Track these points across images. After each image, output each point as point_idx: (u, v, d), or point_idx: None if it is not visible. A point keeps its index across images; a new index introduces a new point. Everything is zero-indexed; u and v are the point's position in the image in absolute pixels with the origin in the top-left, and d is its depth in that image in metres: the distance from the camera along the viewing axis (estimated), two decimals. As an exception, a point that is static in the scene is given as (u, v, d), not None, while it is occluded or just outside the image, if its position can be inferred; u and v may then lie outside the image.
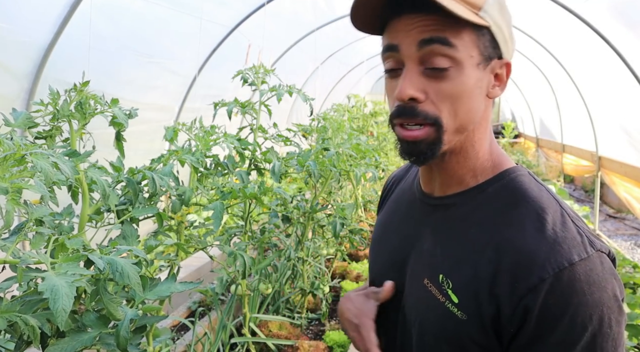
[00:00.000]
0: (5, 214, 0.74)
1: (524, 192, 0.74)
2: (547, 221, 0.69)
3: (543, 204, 0.71)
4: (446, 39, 0.69)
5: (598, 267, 0.66)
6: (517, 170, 0.77)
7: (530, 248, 0.68)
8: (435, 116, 0.71)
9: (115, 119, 1.24)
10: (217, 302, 2.31)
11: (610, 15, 4.22)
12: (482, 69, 0.72)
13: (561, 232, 0.68)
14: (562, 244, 0.67)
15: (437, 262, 0.77)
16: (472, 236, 0.74)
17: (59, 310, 0.70)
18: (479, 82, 0.72)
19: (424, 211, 0.84)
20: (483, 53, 0.71)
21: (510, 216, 0.72)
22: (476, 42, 0.70)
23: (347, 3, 3.18)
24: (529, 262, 0.67)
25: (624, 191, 4.93)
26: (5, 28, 2.69)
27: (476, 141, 0.76)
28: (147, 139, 4.10)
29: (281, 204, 2.31)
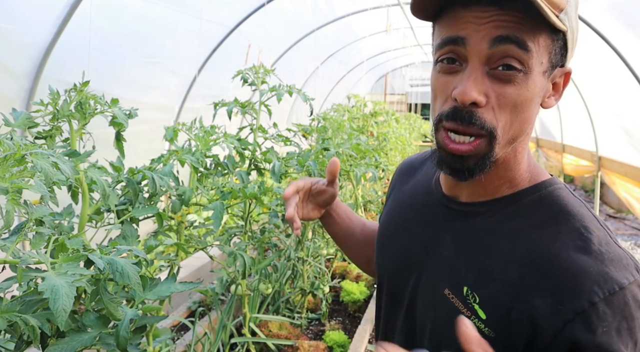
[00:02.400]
0: (5, 214, 0.74)
1: (564, 207, 0.68)
2: (593, 240, 0.64)
3: (585, 221, 0.66)
4: (523, 41, 0.61)
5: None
6: (554, 183, 0.71)
7: (577, 268, 0.62)
8: (492, 126, 0.65)
9: (115, 119, 1.24)
10: (217, 302, 2.31)
11: (610, 15, 4.22)
12: (547, 77, 0.66)
13: (607, 253, 0.63)
14: (609, 265, 0.61)
15: (461, 273, 0.72)
16: (503, 249, 0.68)
17: (59, 310, 0.70)
18: (541, 90, 0.66)
19: (445, 214, 0.78)
20: (552, 60, 0.65)
21: (550, 231, 0.66)
22: (550, 47, 0.63)
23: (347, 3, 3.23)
24: (575, 283, 0.61)
25: (624, 191, 4.93)
26: (6, 28, 2.69)
27: (519, 152, 0.71)
28: (147, 139, 4.10)
29: (281, 204, 2.31)
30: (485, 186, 0.72)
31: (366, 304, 2.96)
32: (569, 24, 0.63)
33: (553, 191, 0.70)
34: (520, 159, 0.71)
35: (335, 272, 3.41)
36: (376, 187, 4.93)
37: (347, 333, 2.63)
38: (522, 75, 0.63)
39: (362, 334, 2.47)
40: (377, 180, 2.60)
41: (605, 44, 4.33)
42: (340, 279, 3.35)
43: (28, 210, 0.90)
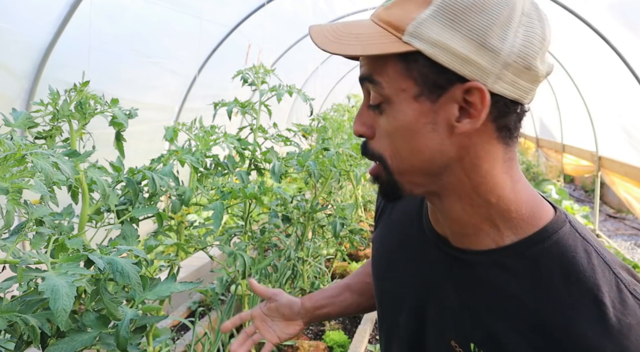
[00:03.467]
0: (5, 214, 0.74)
1: (572, 262, 0.60)
2: (607, 304, 0.57)
3: (597, 279, 0.59)
4: (371, 77, 0.62)
5: None
6: (557, 226, 0.63)
7: (590, 341, 0.56)
8: (379, 154, 0.64)
9: (115, 119, 1.24)
10: (217, 302, 2.31)
11: (610, 15, 4.22)
12: (428, 101, 0.59)
13: (624, 319, 0.56)
14: (628, 335, 0.56)
15: (466, 328, 0.67)
16: (510, 310, 0.63)
17: (59, 310, 0.70)
18: (423, 118, 0.60)
19: (442, 258, 0.72)
20: (423, 83, 0.58)
21: (561, 294, 0.60)
22: (405, 72, 0.59)
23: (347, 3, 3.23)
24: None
25: (624, 191, 4.93)
26: (5, 28, 2.69)
27: (479, 187, 0.63)
28: (147, 139, 4.10)
29: (281, 204, 2.31)
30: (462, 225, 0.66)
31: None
32: (422, 41, 0.57)
33: (559, 241, 0.62)
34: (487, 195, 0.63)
35: (335, 272, 3.41)
36: (376, 187, 4.93)
37: (347, 333, 2.63)
38: (387, 106, 0.62)
39: (362, 334, 2.47)
40: (377, 180, 2.60)
41: (605, 44, 4.33)
42: (340, 279, 3.35)
43: (28, 210, 0.90)
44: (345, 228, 2.46)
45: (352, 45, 0.60)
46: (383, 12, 0.61)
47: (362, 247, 3.72)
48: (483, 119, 0.58)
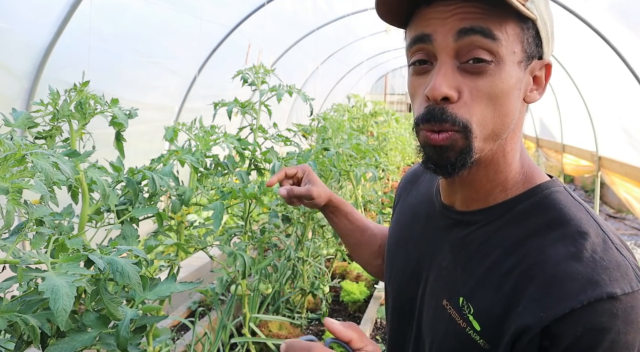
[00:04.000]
0: (5, 214, 0.74)
1: (560, 211, 0.64)
2: (586, 247, 0.60)
3: (582, 226, 0.62)
4: (489, 30, 0.60)
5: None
6: (551, 185, 0.68)
7: (564, 275, 0.59)
8: (465, 121, 0.63)
9: (115, 119, 1.24)
10: (217, 302, 2.31)
11: (610, 15, 4.22)
12: (523, 68, 0.64)
13: (601, 261, 0.59)
14: (602, 273, 0.57)
15: (458, 283, 0.70)
16: (497, 259, 0.66)
17: (59, 310, 0.70)
18: (519, 82, 0.63)
19: (444, 224, 0.76)
20: (526, 50, 0.63)
21: (543, 239, 0.63)
22: (520, 36, 0.62)
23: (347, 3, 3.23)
24: (559, 290, 0.58)
25: (624, 191, 4.93)
26: (5, 28, 2.69)
27: (508, 151, 0.68)
28: (147, 139, 4.10)
29: (281, 204, 2.31)
30: (477, 191, 0.70)
31: (366, 304, 2.96)
32: (537, 12, 0.62)
33: (549, 195, 0.67)
34: (510, 160, 0.68)
35: (335, 272, 3.41)
36: (376, 187, 4.93)
37: (347, 333, 2.63)
38: (494, 66, 0.61)
39: (362, 334, 2.47)
40: (377, 180, 2.60)
41: (605, 44, 4.33)
42: (340, 279, 3.35)
43: (28, 210, 0.90)
44: (345, 228, 2.46)
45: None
46: None
47: (362, 247, 3.72)
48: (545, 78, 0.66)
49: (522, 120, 0.69)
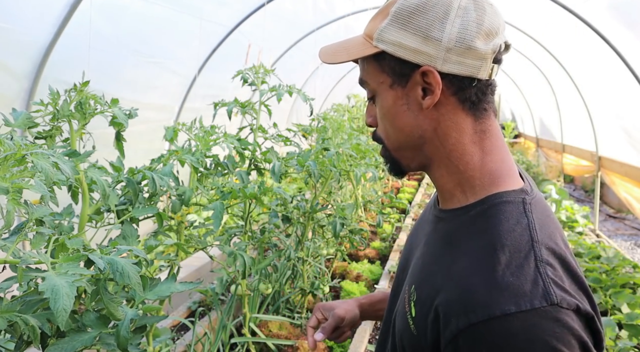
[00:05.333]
0: (5, 214, 0.74)
1: (495, 222, 0.68)
2: (500, 261, 0.63)
3: (507, 239, 0.65)
4: (362, 79, 0.80)
5: (545, 324, 0.58)
6: (506, 196, 0.71)
7: (469, 286, 0.63)
8: (380, 137, 0.81)
9: (115, 119, 1.24)
10: (217, 302, 2.31)
11: (610, 15, 4.22)
12: (400, 87, 0.74)
13: (509, 277, 0.61)
14: (503, 290, 0.60)
15: (416, 272, 0.78)
16: (443, 256, 0.72)
17: (60, 310, 0.70)
18: (399, 101, 0.75)
19: (431, 219, 0.84)
20: (393, 74, 0.75)
21: (470, 244, 0.68)
22: (379, 68, 0.76)
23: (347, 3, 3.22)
24: (463, 301, 0.62)
25: (624, 191, 4.93)
26: (5, 28, 2.69)
27: (451, 154, 0.74)
28: (147, 139, 4.10)
29: (281, 204, 2.31)
30: (442, 191, 0.79)
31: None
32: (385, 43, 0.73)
33: (498, 204, 0.70)
34: (457, 162, 0.74)
35: (335, 272, 3.41)
36: (376, 187, 4.93)
37: (347, 333, 2.63)
38: (377, 97, 0.78)
39: (362, 334, 2.47)
40: (377, 180, 2.60)
41: (605, 44, 4.33)
42: (340, 279, 3.35)
43: (28, 210, 0.90)
44: (345, 228, 2.46)
45: (341, 55, 0.79)
46: (366, 27, 0.78)
47: (362, 247, 3.72)
48: (439, 94, 0.72)
49: (455, 125, 0.74)
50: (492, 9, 0.72)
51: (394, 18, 0.72)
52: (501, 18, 0.73)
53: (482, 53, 0.70)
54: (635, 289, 3.42)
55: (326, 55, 0.82)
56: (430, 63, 0.71)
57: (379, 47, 0.73)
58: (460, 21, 0.70)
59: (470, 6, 0.70)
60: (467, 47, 0.69)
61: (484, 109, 0.74)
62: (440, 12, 0.70)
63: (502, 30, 0.73)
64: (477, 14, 0.70)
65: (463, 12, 0.70)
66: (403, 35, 0.71)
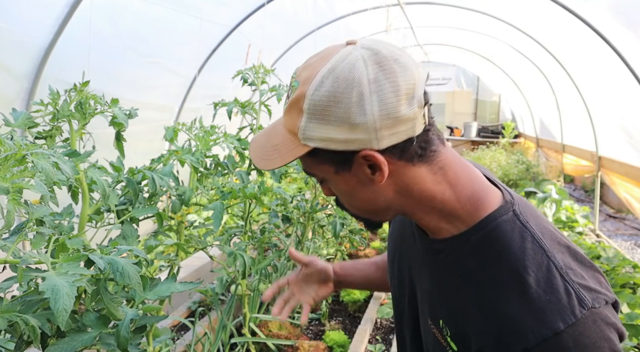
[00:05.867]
0: (6, 214, 0.74)
1: (505, 245, 0.69)
2: (530, 283, 0.65)
3: (526, 260, 0.67)
4: (306, 171, 0.78)
5: (590, 329, 0.62)
6: (499, 215, 0.72)
7: (513, 316, 0.65)
8: (345, 207, 0.81)
9: (115, 119, 1.24)
10: (217, 302, 2.31)
11: (610, 15, 4.22)
12: (346, 172, 0.73)
13: (545, 295, 0.64)
14: (545, 310, 0.63)
15: (437, 307, 0.78)
16: (460, 288, 0.73)
17: (60, 310, 0.70)
18: (350, 182, 0.74)
19: (422, 247, 0.83)
20: (333, 164, 0.72)
21: (492, 275, 0.69)
22: (317, 162, 0.74)
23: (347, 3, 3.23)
24: (511, 331, 0.64)
25: (624, 191, 4.93)
26: (5, 28, 2.69)
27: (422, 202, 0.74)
28: (147, 139, 4.10)
29: (281, 204, 2.31)
30: (427, 227, 0.79)
31: (366, 304, 2.96)
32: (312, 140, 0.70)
33: (497, 227, 0.71)
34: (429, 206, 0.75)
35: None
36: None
37: (347, 333, 2.63)
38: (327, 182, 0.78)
39: (362, 334, 2.47)
40: (377, 180, 2.60)
41: (605, 44, 4.33)
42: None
43: (28, 210, 0.90)
44: (345, 228, 2.46)
45: (275, 159, 0.75)
46: (284, 118, 0.75)
47: (362, 247, 3.72)
48: (386, 169, 0.70)
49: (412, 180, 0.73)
50: (399, 65, 0.67)
51: (311, 115, 0.68)
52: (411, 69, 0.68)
53: (411, 116, 0.68)
54: (635, 289, 3.42)
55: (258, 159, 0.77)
56: (366, 146, 0.68)
57: (309, 145, 0.70)
58: (377, 97, 0.66)
59: (379, 76, 0.66)
60: (393, 119, 0.67)
61: (431, 151, 0.72)
62: (354, 96, 0.66)
63: (419, 78, 0.69)
64: (390, 82, 0.66)
65: (375, 86, 0.66)
66: (327, 129, 0.68)
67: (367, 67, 0.66)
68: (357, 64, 0.67)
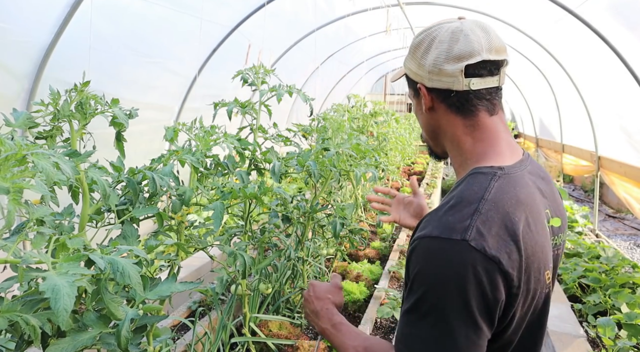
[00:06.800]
0: (6, 214, 0.75)
1: (464, 186, 0.91)
2: (448, 205, 0.87)
3: (463, 194, 0.88)
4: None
5: (449, 249, 0.81)
6: (480, 170, 0.93)
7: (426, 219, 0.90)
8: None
9: (115, 119, 1.24)
10: (217, 302, 2.31)
11: (609, 15, 4.22)
12: (415, 98, 1.04)
13: (445, 216, 0.86)
14: (436, 222, 0.85)
15: None
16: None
17: (60, 310, 0.70)
18: (417, 106, 1.04)
19: None
20: (412, 88, 1.04)
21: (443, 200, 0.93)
22: (409, 85, 1.06)
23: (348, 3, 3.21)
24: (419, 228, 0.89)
25: (624, 190, 4.93)
26: (6, 28, 2.69)
27: (452, 141, 1.00)
28: (147, 139, 4.11)
29: (281, 204, 2.31)
30: (455, 169, 1.04)
31: (366, 304, 2.96)
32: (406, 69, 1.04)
33: (472, 175, 0.93)
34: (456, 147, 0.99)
35: (335, 272, 3.41)
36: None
37: (347, 333, 2.63)
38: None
39: (362, 334, 2.47)
40: (377, 180, 2.60)
41: (604, 44, 4.33)
42: (340, 279, 3.35)
43: (29, 210, 0.91)
44: (345, 228, 2.47)
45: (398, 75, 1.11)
46: None
47: (362, 247, 3.72)
48: (428, 102, 1.00)
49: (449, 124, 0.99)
50: (465, 38, 0.94)
51: (410, 50, 1.02)
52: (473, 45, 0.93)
53: (451, 73, 0.94)
54: (634, 288, 3.42)
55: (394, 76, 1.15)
56: (420, 81, 1.00)
57: (404, 71, 1.06)
58: (435, 52, 0.96)
59: (445, 39, 0.95)
60: (439, 70, 0.95)
61: (470, 110, 0.96)
62: (426, 45, 0.98)
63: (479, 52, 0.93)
64: (448, 46, 0.95)
65: (439, 45, 0.96)
66: (411, 63, 1.02)
67: (444, 32, 0.95)
68: (441, 29, 0.96)
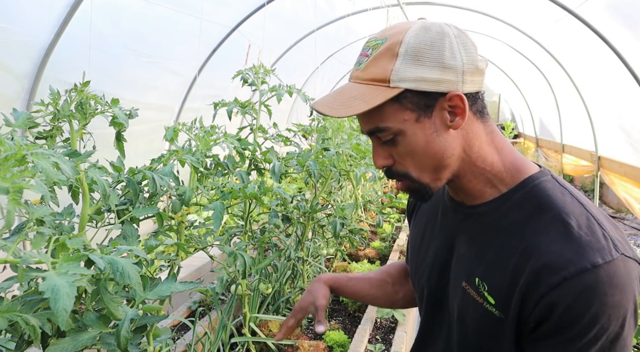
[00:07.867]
0: (6, 214, 0.75)
1: (547, 198, 0.78)
2: (572, 225, 0.74)
3: (567, 208, 0.76)
4: (377, 127, 0.80)
5: (621, 271, 0.70)
6: (540, 176, 0.81)
7: (555, 251, 0.72)
8: (404, 172, 0.83)
9: (115, 119, 1.24)
10: (217, 302, 2.31)
11: (609, 15, 4.22)
12: (426, 118, 0.79)
13: (586, 236, 0.72)
14: (586, 247, 0.71)
15: (473, 266, 0.85)
16: (503, 242, 0.80)
17: (60, 310, 0.70)
18: (428, 131, 0.79)
19: (457, 218, 0.91)
20: (416, 109, 0.78)
21: (537, 222, 0.77)
22: (401, 108, 0.78)
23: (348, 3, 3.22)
24: (553, 263, 0.71)
25: (623, 190, 4.93)
26: (6, 28, 2.69)
27: (476, 161, 0.83)
28: (147, 139, 4.11)
29: (281, 204, 2.31)
30: (471, 191, 0.86)
31: (366, 304, 2.96)
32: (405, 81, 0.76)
33: (538, 185, 0.80)
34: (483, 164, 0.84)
35: (335, 272, 3.41)
36: (376, 187, 4.93)
37: (347, 333, 2.64)
38: (399, 137, 0.80)
39: (362, 334, 2.47)
40: (377, 180, 2.60)
41: (604, 44, 4.33)
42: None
43: (29, 210, 0.91)
44: (345, 228, 2.47)
45: (358, 105, 0.77)
46: (362, 73, 0.80)
47: (362, 247, 3.72)
48: (468, 113, 0.79)
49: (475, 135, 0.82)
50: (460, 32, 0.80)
51: (407, 57, 0.76)
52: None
53: (482, 69, 0.81)
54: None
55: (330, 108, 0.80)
56: (453, 88, 0.77)
57: (401, 86, 0.76)
58: (463, 47, 0.78)
59: (461, 34, 0.80)
60: (475, 67, 0.79)
61: (485, 113, 0.83)
62: (447, 44, 0.77)
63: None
64: (469, 39, 0.80)
65: (461, 40, 0.79)
66: (421, 70, 0.76)
67: (451, 27, 0.79)
68: (443, 24, 0.79)
